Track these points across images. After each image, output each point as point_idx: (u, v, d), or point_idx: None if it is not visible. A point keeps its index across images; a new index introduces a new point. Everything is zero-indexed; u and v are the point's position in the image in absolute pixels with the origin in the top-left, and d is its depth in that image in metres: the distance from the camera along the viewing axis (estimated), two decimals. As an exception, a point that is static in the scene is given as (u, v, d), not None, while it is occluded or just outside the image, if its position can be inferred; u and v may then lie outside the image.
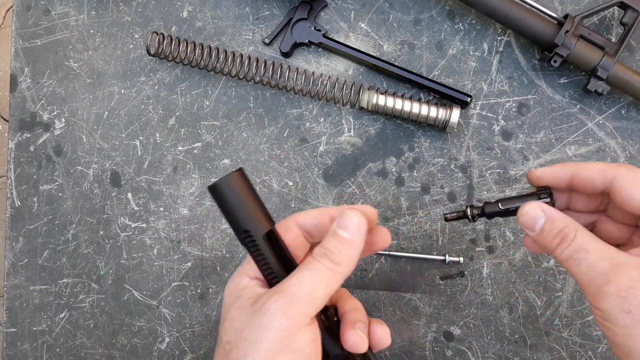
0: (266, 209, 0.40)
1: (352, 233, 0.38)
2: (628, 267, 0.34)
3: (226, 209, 0.39)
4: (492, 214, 0.47)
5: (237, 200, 0.39)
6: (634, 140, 0.61)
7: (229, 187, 0.39)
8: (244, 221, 0.39)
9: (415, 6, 0.63)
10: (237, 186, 0.39)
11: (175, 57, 0.61)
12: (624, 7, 0.57)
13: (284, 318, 0.35)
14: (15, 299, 0.65)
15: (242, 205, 0.39)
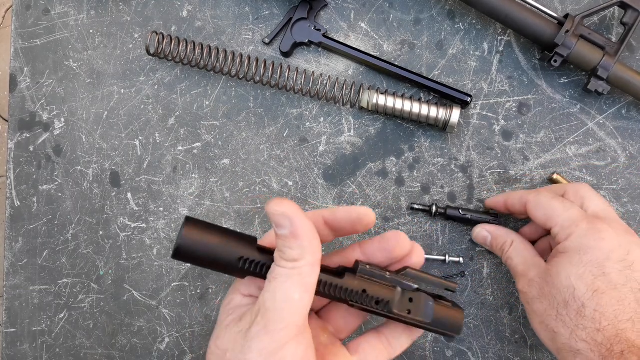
0: (235, 231, 0.39)
1: (286, 226, 0.36)
2: (534, 267, 0.52)
3: (205, 256, 0.37)
4: (452, 217, 0.60)
5: (208, 243, 0.37)
6: (634, 140, 0.61)
7: (191, 241, 0.36)
8: (231, 252, 0.37)
9: (416, 6, 0.63)
10: (197, 234, 0.37)
11: (175, 57, 0.61)
12: (625, 7, 0.57)
13: (266, 337, 0.34)
14: (15, 299, 0.65)
15: (216, 242, 0.37)
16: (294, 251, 0.36)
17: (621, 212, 0.61)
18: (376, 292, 0.41)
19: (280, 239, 0.36)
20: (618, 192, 0.61)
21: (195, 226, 0.37)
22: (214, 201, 0.63)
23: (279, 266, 0.36)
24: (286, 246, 0.36)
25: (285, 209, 0.35)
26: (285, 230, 0.36)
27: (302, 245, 0.36)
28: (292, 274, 0.36)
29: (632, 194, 0.61)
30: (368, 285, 0.41)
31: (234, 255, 0.37)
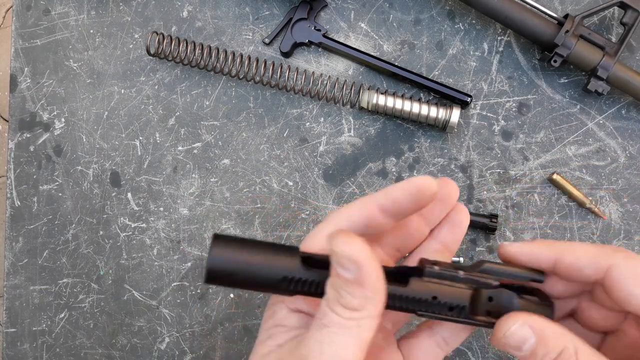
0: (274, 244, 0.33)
1: (352, 270, 0.29)
2: None
3: (242, 279, 0.32)
4: None
5: (243, 262, 0.31)
6: (634, 140, 0.61)
7: (222, 262, 0.31)
8: (273, 271, 0.31)
9: (416, 6, 0.63)
10: (228, 253, 0.31)
11: (175, 57, 0.61)
12: (624, 7, 0.57)
13: None
14: (15, 299, 0.65)
15: (253, 260, 0.31)
16: (355, 300, 0.29)
17: (621, 212, 0.61)
18: (449, 296, 0.34)
19: (340, 279, 0.30)
20: (618, 192, 0.61)
21: (226, 244, 0.32)
22: (214, 201, 0.63)
23: (333, 312, 0.30)
24: (347, 291, 0.29)
25: (354, 252, 0.29)
26: (349, 275, 0.29)
27: (366, 295, 0.29)
28: (349, 325, 0.29)
29: (632, 194, 0.61)
30: (439, 289, 0.34)
31: (277, 275, 0.32)
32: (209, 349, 0.63)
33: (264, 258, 0.31)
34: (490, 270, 0.34)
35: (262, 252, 0.32)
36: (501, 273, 0.34)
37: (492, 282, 0.34)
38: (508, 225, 0.61)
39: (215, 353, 0.63)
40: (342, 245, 0.29)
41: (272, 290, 0.32)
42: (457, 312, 0.34)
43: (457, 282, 0.34)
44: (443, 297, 0.34)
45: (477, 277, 0.34)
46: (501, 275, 0.34)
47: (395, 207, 0.33)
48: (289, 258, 0.32)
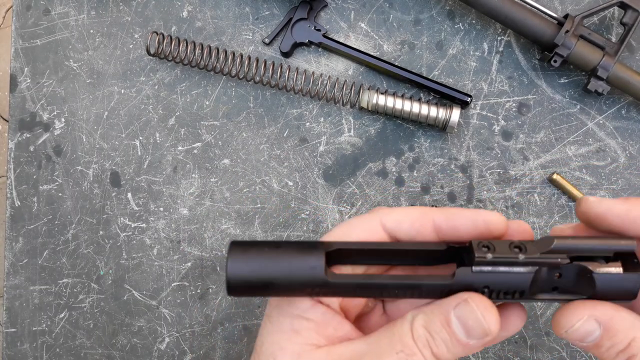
0: (294, 243, 0.31)
1: (475, 338, 0.28)
2: None
3: (266, 287, 0.29)
4: None
5: (262, 270, 0.29)
6: (634, 140, 0.61)
7: (240, 271, 0.29)
8: (297, 279, 0.29)
9: (416, 6, 0.63)
10: (247, 261, 0.29)
11: (175, 57, 0.61)
12: (624, 7, 0.57)
13: None
14: (15, 299, 0.65)
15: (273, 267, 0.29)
16: (447, 354, 0.29)
17: (621, 212, 0.61)
18: (505, 284, 0.29)
19: (449, 333, 0.28)
20: (618, 192, 0.61)
21: (243, 251, 0.29)
22: (214, 201, 0.63)
23: (422, 354, 0.29)
24: (448, 346, 0.28)
25: (492, 327, 0.28)
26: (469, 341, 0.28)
27: (459, 355, 0.29)
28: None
29: (632, 194, 0.61)
30: (492, 278, 0.29)
31: (301, 285, 0.29)
32: (209, 349, 0.63)
33: (286, 265, 0.29)
34: (561, 248, 0.29)
35: (283, 258, 0.30)
36: (576, 249, 0.29)
37: (561, 261, 0.29)
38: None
39: (215, 353, 0.63)
40: (487, 311, 0.27)
41: (298, 295, 0.31)
42: (514, 295, 0.30)
43: (516, 266, 0.29)
44: (497, 286, 0.29)
45: (542, 260, 0.29)
46: (576, 251, 0.29)
47: (452, 232, 0.31)
48: (314, 263, 0.29)
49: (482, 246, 0.29)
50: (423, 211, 0.31)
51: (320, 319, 0.31)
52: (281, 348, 0.31)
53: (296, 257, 0.30)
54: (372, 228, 0.32)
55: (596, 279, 0.29)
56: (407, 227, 0.31)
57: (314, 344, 0.31)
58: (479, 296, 0.29)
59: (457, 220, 0.31)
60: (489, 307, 0.28)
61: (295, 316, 0.31)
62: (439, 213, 0.31)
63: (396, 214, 0.32)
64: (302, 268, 0.29)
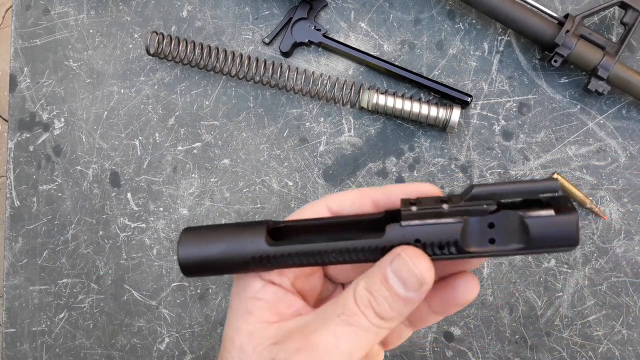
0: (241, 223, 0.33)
1: (412, 290, 0.29)
2: None
3: (213, 265, 0.32)
4: None
5: (211, 248, 0.31)
6: (634, 140, 0.61)
7: (190, 251, 0.32)
8: (242, 252, 0.31)
9: (416, 6, 0.63)
10: (195, 243, 0.32)
11: (174, 56, 0.61)
12: (625, 7, 0.57)
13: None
14: (15, 299, 0.65)
15: (221, 246, 0.31)
16: (392, 312, 0.29)
17: (621, 212, 0.61)
18: (435, 236, 0.29)
19: (388, 289, 0.29)
20: (618, 192, 0.61)
21: (193, 235, 0.32)
22: (214, 201, 0.63)
23: (363, 314, 0.29)
24: (388, 303, 0.29)
25: (426, 275, 0.29)
26: (407, 294, 0.29)
27: (403, 312, 0.30)
28: (372, 330, 0.29)
29: (632, 194, 0.61)
30: (421, 231, 0.29)
31: (245, 256, 0.31)
32: (209, 349, 0.63)
33: (231, 241, 0.31)
34: (483, 194, 0.29)
35: (228, 236, 0.32)
36: (499, 194, 0.29)
37: (488, 208, 0.29)
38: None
39: (215, 353, 0.63)
40: (417, 261, 0.28)
41: (247, 271, 0.32)
42: (449, 250, 0.30)
43: (443, 217, 0.29)
44: (428, 238, 0.29)
45: (468, 207, 0.29)
46: (499, 197, 0.29)
47: (390, 206, 0.32)
48: (255, 236, 0.31)
49: (409, 203, 0.30)
50: (362, 191, 0.33)
51: (271, 298, 0.33)
52: (237, 330, 0.32)
53: (239, 233, 0.32)
54: (319, 210, 0.34)
55: (529, 224, 0.28)
56: (349, 205, 0.33)
57: (267, 321, 0.32)
58: (410, 248, 0.30)
59: (392, 194, 0.32)
60: (419, 256, 0.29)
61: (249, 298, 0.33)
62: (376, 190, 0.33)
63: (339, 195, 0.34)
64: (245, 241, 0.31)
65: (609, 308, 0.60)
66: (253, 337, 0.31)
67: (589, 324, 0.60)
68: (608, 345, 0.60)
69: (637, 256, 0.60)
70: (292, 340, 0.30)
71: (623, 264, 0.60)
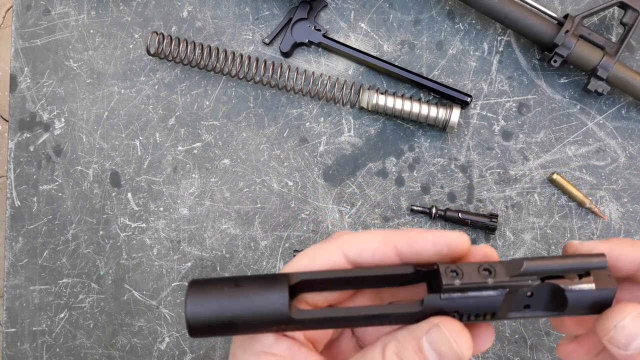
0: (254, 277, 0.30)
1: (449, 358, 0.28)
2: None
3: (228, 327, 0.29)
4: (451, 219, 0.57)
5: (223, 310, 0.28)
6: (634, 140, 0.61)
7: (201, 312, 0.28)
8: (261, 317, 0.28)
9: (415, 6, 0.63)
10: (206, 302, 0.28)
11: (175, 57, 0.61)
12: (624, 7, 0.57)
13: None
14: (15, 299, 0.65)
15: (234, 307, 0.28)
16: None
17: (621, 212, 0.61)
18: (475, 309, 0.29)
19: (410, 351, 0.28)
20: (618, 192, 0.61)
21: (203, 291, 0.28)
22: (214, 201, 0.63)
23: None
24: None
25: (466, 351, 0.28)
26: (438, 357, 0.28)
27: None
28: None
29: (631, 194, 0.61)
30: (462, 304, 0.29)
31: (265, 324, 0.29)
32: (209, 349, 0.63)
33: (248, 304, 0.28)
34: (531, 270, 0.28)
35: (245, 296, 0.28)
36: (547, 270, 0.28)
37: (532, 283, 0.28)
38: (508, 225, 0.61)
39: (215, 353, 0.63)
40: (459, 336, 0.27)
41: (264, 332, 0.30)
42: (484, 317, 0.29)
43: (486, 290, 0.28)
44: (467, 310, 0.29)
45: (511, 283, 0.28)
46: (547, 272, 0.28)
47: (414, 257, 0.30)
48: (278, 298, 0.28)
49: (449, 271, 0.28)
50: (384, 237, 0.30)
51: (286, 353, 0.30)
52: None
53: (258, 295, 0.29)
54: (334, 259, 0.31)
55: (569, 297, 0.29)
56: (369, 255, 0.30)
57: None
58: (450, 320, 0.28)
59: (419, 244, 0.30)
60: (460, 332, 0.28)
61: (260, 353, 0.30)
62: (400, 237, 0.30)
63: (357, 242, 0.31)
64: (265, 306, 0.28)
65: (609, 308, 0.60)
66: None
67: (588, 323, 0.60)
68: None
69: (637, 256, 0.60)
70: None
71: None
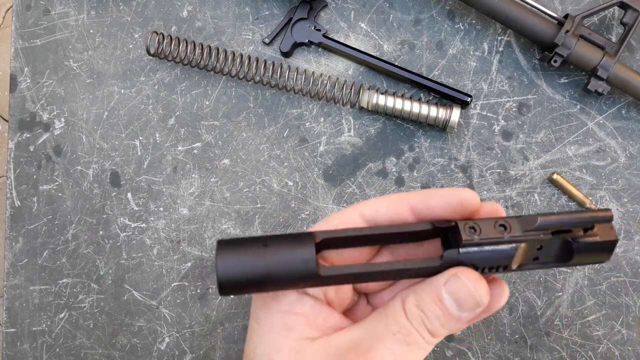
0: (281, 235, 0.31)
1: (467, 310, 0.29)
2: None
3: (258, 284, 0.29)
4: None
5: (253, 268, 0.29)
6: (634, 140, 0.61)
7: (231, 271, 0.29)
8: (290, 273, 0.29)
9: (415, 6, 0.63)
10: (236, 260, 0.29)
11: (175, 57, 0.61)
12: (624, 7, 0.57)
13: None
14: (15, 299, 0.65)
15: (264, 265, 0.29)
16: (443, 330, 0.30)
17: (621, 212, 0.61)
18: (490, 261, 0.30)
19: (442, 309, 0.29)
20: (618, 192, 0.61)
21: (232, 249, 0.29)
22: (214, 201, 0.63)
23: (419, 334, 0.30)
24: (442, 321, 0.30)
25: (484, 298, 0.29)
26: (461, 314, 0.29)
27: (453, 330, 0.30)
28: (427, 348, 0.30)
29: (632, 194, 0.61)
30: (478, 257, 0.30)
31: (294, 277, 0.29)
32: (209, 349, 0.63)
33: (277, 262, 0.29)
34: (547, 225, 0.29)
35: (273, 253, 0.29)
36: (559, 225, 0.30)
37: (544, 237, 0.30)
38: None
39: (215, 353, 0.63)
40: (476, 284, 0.29)
41: (290, 289, 0.30)
42: (497, 269, 0.31)
43: (501, 244, 0.30)
44: (483, 263, 0.30)
45: (526, 237, 0.30)
46: (558, 227, 0.30)
47: (429, 212, 0.32)
48: (305, 254, 0.29)
49: (468, 227, 0.30)
50: (398, 196, 0.32)
51: (309, 312, 0.31)
52: (277, 347, 0.30)
53: (286, 253, 0.30)
54: (352, 219, 0.32)
55: (575, 248, 0.30)
56: (385, 212, 0.32)
57: (309, 338, 0.30)
58: (468, 270, 0.30)
59: (432, 200, 0.31)
60: (479, 279, 0.30)
61: (284, 312, 0.31)
62: (414, 195, 0.32)
63: (372, 202, 0.32)
64: (293, 263, 0.29)
65: (609, 308, 0.60)
66: (300, 355, 0.30)
67: (588, 323, 0.60)
68: (608, 345, 0.60)
69: (637, 256, 0.60)
70: (347, 359, 0.29)
71: (623, 264, 0.60)
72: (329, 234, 0.31)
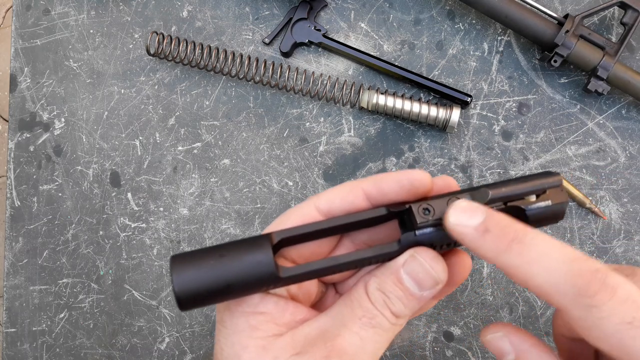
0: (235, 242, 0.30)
1: (427, 289, 0.30)
2: None
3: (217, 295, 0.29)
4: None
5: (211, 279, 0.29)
6: (634, 140, 0.61)
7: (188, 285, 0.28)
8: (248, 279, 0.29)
9: (415, 6, 0.63)
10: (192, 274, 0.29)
11: (175, 57, 0.61)
12: (624, 7, 0.57)
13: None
14: (15, 299, 0.65)
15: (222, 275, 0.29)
16: (406, 309, 0.30)
17: (621, 212, 0.61)
18: (446, 238, 0.31)
19: (402, 289, 0.30)
20: (618, 192, 0.61)
21: (186, 262, 0.29)
22: (214, 201, 0.63)
23: (383, 315, 0.30)
24: (402, 302, 0.30)
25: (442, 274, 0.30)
26: (422, 293, 0.30)
27: (415, 309, 0.31)
28: (392, 329, 0.31)
29: (632, 194, 0.61)
30: (435, 237, 0.31)
31: (253, 283, 0.29)
32: (209, 349, 0.63)
33: (235, 270, 0.29)
34: (497, 197, 0.30)
35: (229, 260, 0.29)
36: (511, 196, 0.30)
37: (496, 208, 0.30)
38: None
39: (215, 353, 0.63)
40: (434, 261, 0.29)
41: (251, 294, 0.30)
42: (454, 244, 0.32)
43: None
44: (439, 241, 0.31)
45: None
46: (510, 198, 0.31)
47: (382, 197, 0.32)
48: (262, 258, 0.29)
49: (422, 209, 0.30)
50: (351, 184, 0.32)
51: (274, 310, 0.31)
52: (243, 346, 0.30)
53: (244, 260, 0.29)
54: (308, 213, 0.32)
55: (529, 215, 0.31)
56: (339, 203, 0.32)
57: (275, 334, 0.31)
58: (424, 249, 0.30)
59: (384, 184, 0.32)
60: (435, 257, 0.30)
61: (248, 313, 0.31)
62: (366, 182, 0.32)
63: (326, 194, 0.33)
64: (252, 269, 0.29)
65: (609, 308, 0.60)
66: (267, 351, 0.30)
67: (588, 323, 0.60)
68: (608, 345, 0.60)
69: (637, 256, 0.60)
70: (315, 347, 0.30)
71: (623, 264, 0.60)
72: (285, 233, 0.31)
